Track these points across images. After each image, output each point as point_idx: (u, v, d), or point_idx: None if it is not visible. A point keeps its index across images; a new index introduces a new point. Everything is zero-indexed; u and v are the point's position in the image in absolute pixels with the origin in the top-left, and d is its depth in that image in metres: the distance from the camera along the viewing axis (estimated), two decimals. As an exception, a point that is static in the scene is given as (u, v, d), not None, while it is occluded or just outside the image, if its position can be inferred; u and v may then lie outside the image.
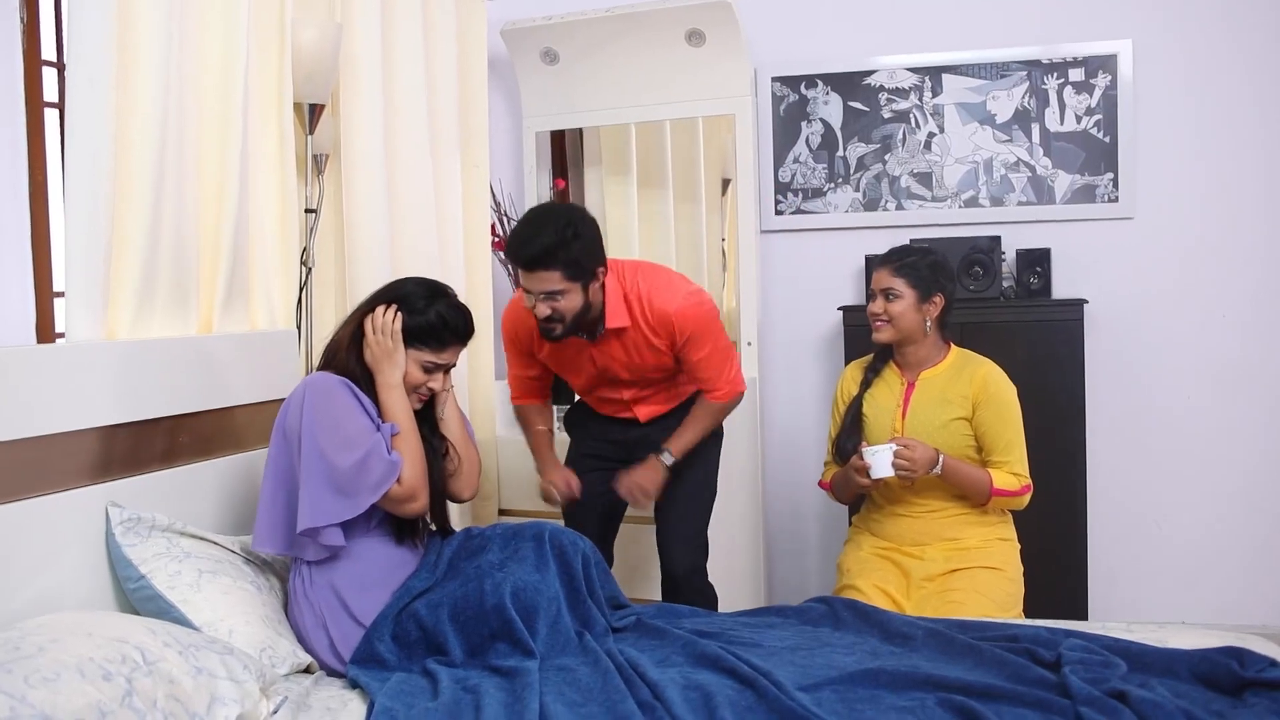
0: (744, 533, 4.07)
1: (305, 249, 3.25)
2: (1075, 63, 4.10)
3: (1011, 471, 3.00)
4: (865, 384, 3.19)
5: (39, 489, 2.23)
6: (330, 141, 3.39)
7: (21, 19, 3.43)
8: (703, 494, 3.27)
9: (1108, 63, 4.07)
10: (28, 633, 1.87)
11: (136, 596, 2.33)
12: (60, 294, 3.35)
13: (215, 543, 2.52)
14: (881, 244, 4.15)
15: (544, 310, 2.89)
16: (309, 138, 3.25)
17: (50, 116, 3.49)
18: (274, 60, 3.07)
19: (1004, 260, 4.03)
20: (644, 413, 3.21)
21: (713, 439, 3.26)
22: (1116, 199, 4.09)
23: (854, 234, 4.35)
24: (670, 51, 4.17)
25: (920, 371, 3.11)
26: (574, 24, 4.24)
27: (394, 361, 2.52)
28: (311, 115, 3.23)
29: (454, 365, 2.63)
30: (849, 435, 3.15)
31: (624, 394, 3.19)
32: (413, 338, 2.55)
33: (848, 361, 4.12)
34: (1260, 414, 4.05)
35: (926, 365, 3.11)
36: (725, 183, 4.43)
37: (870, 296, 3.12)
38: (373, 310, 2.58)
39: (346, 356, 2.58)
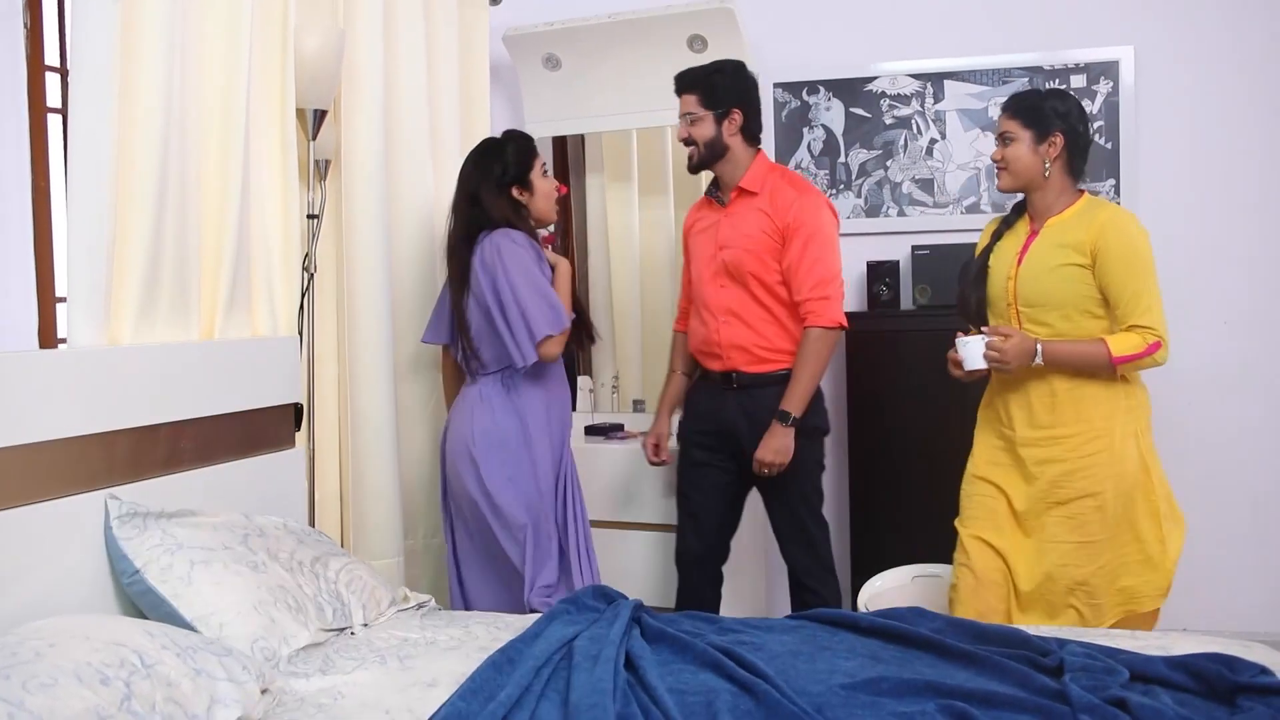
0: (750, 534, 4.05)
1: (307, 255, 3.26)
2: (1077, 69, 4.10)
3: (1137, 326, 2.80)
4: (997, 235, 3.07)
5: (41, 495, 2.25)
6: (333, 147, 3.39)
7: (25, 24, 3.44)
8: (805, 488, 3.37)
9: (1109, 69, 4.07)
10: (25, 638, 1.87)
11: (132, 590, 2.36)
12: (63, 299, 3.35)
13: (214, 523, 2.53)
14: (883, 250, 4.17)
15: (683, 133, 3.38)
16: (311, 144, 3.26)
17: (53, 122, 3.50)
18: (276, 66, 3.07)
19: (1006, 267, 4.03)
20: (725, 335, 3.34)
21: (814, 435, 3.36)
22: (1118, 205, 4.09)
23: (855, 240, 4.34)
24: (672, 57, 4.15)
25: (1046, 219, 2.95)
26: (576, 30, 4.25)
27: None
28: (315, 121, 3.24)
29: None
30: (973, 288, 3.05)
31: (720, 297, 3.36)
32: (526, 168, 3.32)
33: (849, 376, 4.13)
34: (1262, 421, 4.05)
35: (1053, 212, 2.95)
36: (727, 188, 4.43)
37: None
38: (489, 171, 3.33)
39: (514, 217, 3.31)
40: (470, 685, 2.09)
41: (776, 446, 3.25)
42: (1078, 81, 4.09)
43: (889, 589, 3.42)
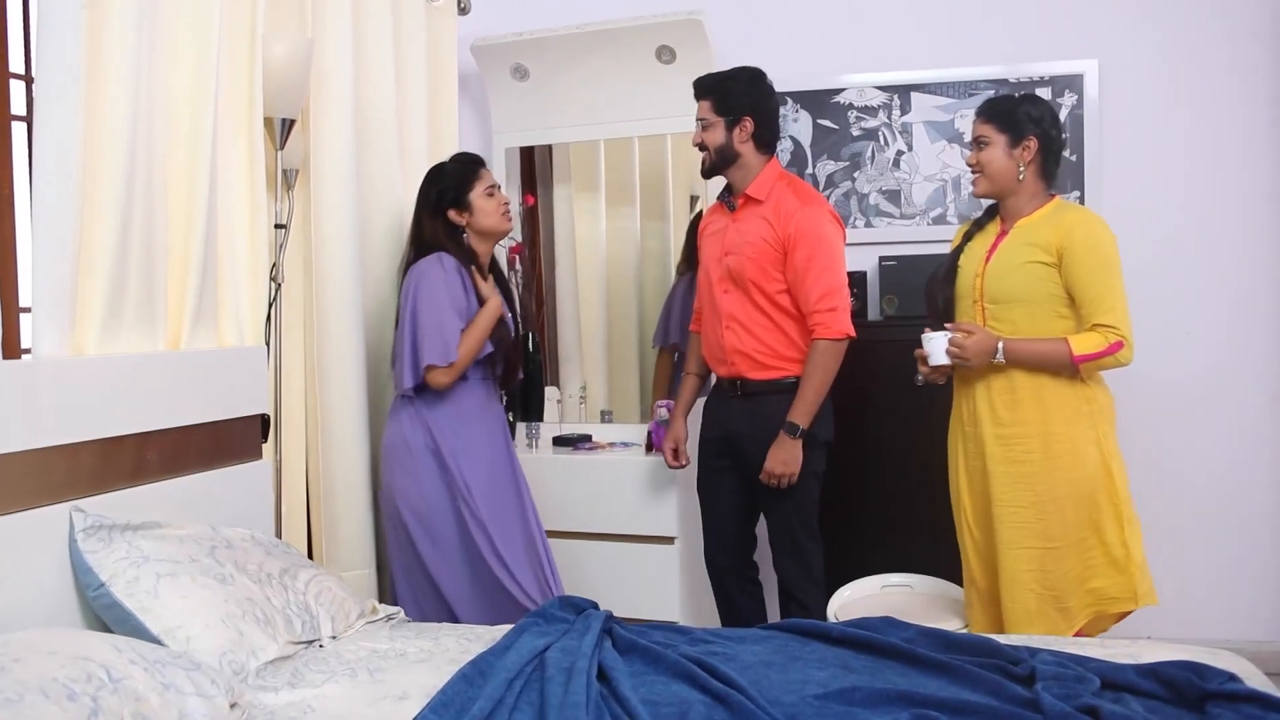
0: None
1: (275, 264, 3.23)
2: (1042, 82, 4.14)
3: (1100, 325, 2.83)
4: (968, 236, 3.12)
5: (4, 507, 2.21)
6: (301, 156, 3.37)
7: (-12, 31, 3.39)
8: (800, 498, 3.37)
9: (1074, 82, 4.11)
10: (-10, 653, 1.84)
11: (98, 604, 2.33)
12: (27, 309, 3.30)
13: (180, 535, 2.50)
14: (851, 261, 4.16)
15: (696, 138, 3.41)
16: (279, 153, 3.24)
17: (18, 129, 3.45)
18: (244, 74, 3.05)
19: (972, 277, 4.05)
20: (729, 341, 3.38)
21: (812, 445, 3.35)
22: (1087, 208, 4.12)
23: (823, 251, 4.35)
24: (640, 68, 4.17)
25: (1017, 220, 3.00)
26: (545, 40, 4.24)
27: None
28: (283, 130, 3.22)
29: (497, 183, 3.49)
30: (941, 286, 3.10)
31: (725, 302, 3.39)
32: (464, 190, 3.38)
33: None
34: (1224, 431, 4.09)
35: (1024, 214, 2.99)
36: (693, 199, 4.44)
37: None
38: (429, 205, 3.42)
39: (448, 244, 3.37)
40: (441, 698, 2.08)
41: (784, 458, 3.27)
42: (1043, 94, 4.12)
43: (858, 598, 3.43)
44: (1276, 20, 3.99)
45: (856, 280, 4.11)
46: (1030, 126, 2.96)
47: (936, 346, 2.95)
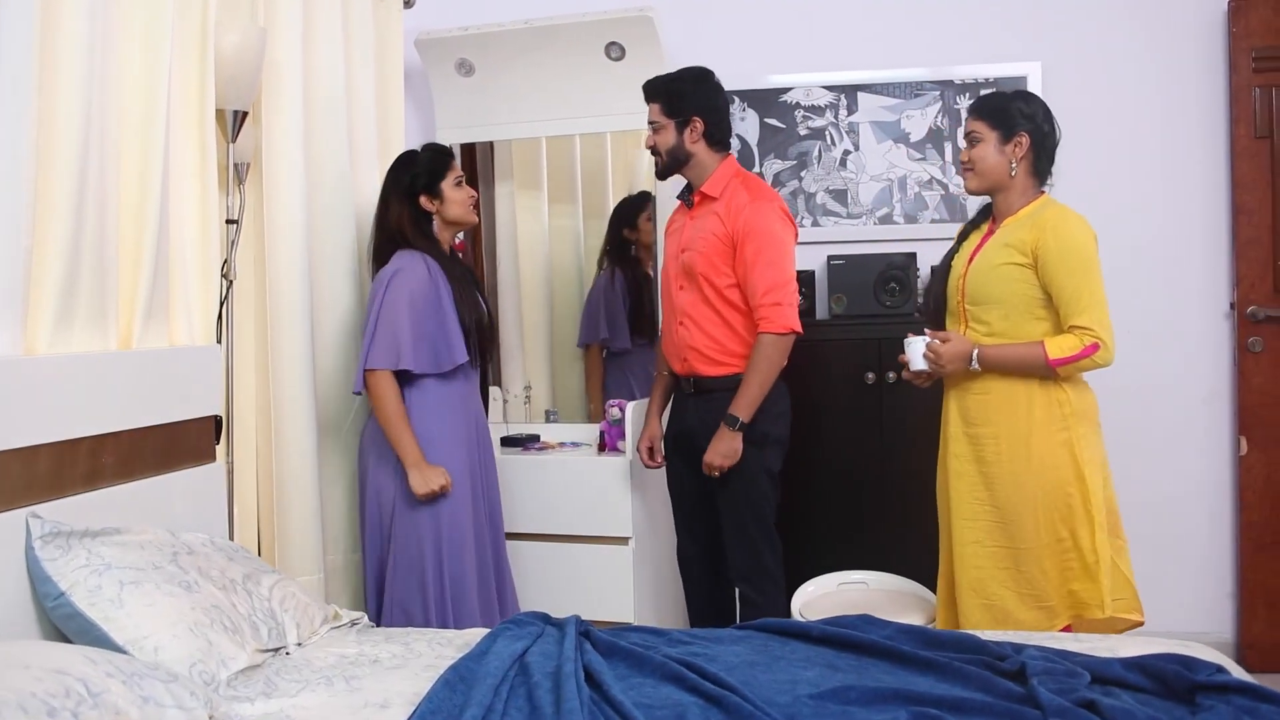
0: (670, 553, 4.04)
1: (226, 261, 3.14)
2: (986, 84, 4.18)
3: (1076, 327, 2.82)
4: (962, 236, 3.13)
5: (-41, 513, 2.11)
6: (252, 150, 3.28)
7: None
8: (751, 493, 3.35)
9: (1018, 84, 4.16)
10: (-38, 668, 1.76)
11: (57, 614, 2.24)
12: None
13: (141, 541, 2.41)
14: (799, 260, 4.17)
15: (649, 141, 3.44)
16: (230, 146, 3.14)
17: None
18: (196, 65, 2.96)
19: (919, 277, 4.07)
20: (682, 336, 3.41)
21: (762, 443, 3.33)
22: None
23: (770, 250, 4.35)
24: (589, 65, 4.13)
25: (1004, 219, 3.01)
26: (490, 35, 4.17)
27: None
28: (234, 123, 3.12)
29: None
30: (934, 286, 3.13)
31: (679, 299, 3.43)
32: (436, 178, 3.33)
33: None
34: (1170, 429, 4.17)
35: (1012, 212, 3.00)
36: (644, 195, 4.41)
37: None
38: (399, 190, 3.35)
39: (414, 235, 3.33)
40: (429, 706, 2.03)
41: (724, 450, 3.27)
42: (988, 96, 4.18)
43: (819, 596, 3.44)
44: (1215, 24, 4.08)
45: (804, 279, 4.12)
46: (1022, 123, 2.97)
47: (915, 351, 2.98)
